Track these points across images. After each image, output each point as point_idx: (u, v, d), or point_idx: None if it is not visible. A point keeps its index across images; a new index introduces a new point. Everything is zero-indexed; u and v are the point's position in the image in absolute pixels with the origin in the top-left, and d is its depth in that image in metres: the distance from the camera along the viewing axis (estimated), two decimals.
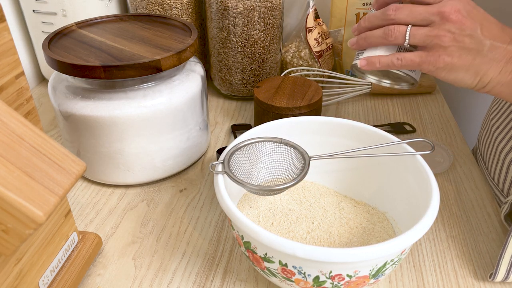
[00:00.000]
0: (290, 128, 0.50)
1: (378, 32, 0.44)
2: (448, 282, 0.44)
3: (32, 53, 0.83)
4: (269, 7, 0.68)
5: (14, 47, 0.34)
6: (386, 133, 0.47)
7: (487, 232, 0.50)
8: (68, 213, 0.42)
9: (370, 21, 0.45)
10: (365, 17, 0.46)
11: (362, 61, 0.45)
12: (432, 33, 0.41)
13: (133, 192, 0.57)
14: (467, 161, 0.62)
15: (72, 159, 0.30)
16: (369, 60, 0.45)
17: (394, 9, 0.43)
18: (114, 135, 0.52)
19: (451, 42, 0.41)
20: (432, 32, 0.41)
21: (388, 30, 0.43)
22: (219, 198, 0.39)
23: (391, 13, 0.43)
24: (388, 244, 0.34)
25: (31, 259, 0.37)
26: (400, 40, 0.43)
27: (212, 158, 0.63)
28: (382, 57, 0.44)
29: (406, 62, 0.43)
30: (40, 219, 0.26)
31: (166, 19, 0.62)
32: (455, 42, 0.40)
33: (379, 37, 0.44)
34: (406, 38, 0.42)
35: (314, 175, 0.52)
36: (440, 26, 0.41)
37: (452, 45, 0.41)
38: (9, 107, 0.29)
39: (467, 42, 0.40)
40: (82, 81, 0.52)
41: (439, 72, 0.42)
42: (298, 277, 0.36)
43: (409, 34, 0.42)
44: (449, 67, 0.41)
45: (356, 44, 0.47)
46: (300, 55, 0.77)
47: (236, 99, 0.78)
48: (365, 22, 0.46)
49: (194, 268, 0.46)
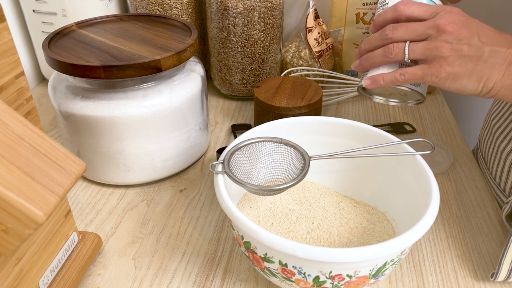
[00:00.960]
0: (290, 128, 0.50)
1: (379, 52, 0.45)
2: (448, 282, 0.45)
3: (32, 53, 0.83)
4: (269, 7, 0.68)
5: (14, 47, 0.34)
6: (386, 133, 0.47)
7: (487, 232, 0.50)
8: (68, 213, 0.42)
9: (370, 43, 0.46)
10: (365, 40, 0.47)
11: (367, 80, 0.46)
12: (430, 45, 0.42)
13: (133, 192, 0.57)
14: (467, 161, 0.62)
15: (72, 159, 0.30)
16: (373, 79, 0.46)
17: (391, 28, 0.44)
18: (114, 135, 0.52)
19: (450, 52, 0.41)
20: (430, 45, 0.42)
21: (387, 49, 0.44)
22: (219, 198, 0.39)
23: (388, 33, 0.44)
24: (388, 244, 0.34)
25: (31, 259, 0.37)
26: (401, 57, 0.44)
27: (212, 158, 0.63)
28: (386, 74, 0.45)
29: (409, 76, 0.44)
30: (40, 219, 0.26)
31: (166, 19, 0.62)
32: (454, 51, 0.41)
33: (380, 56, 0.45)
34: (406, 53, 0.43)
35: (314, 175, 0.52)
36: (437, 38, 0.42)
37: (451, 55, 0.41)
38: (9, 107, 0.29)
39: (465, 50, 0.41)
40: (82, 81, 0.52)
41: (443, 82, 0.43)
42: (298, 277, 0.36)
43: (408, 50, 0.43)
44: (451, 76, 0.42)
45: (359, 66, 0.48)
46: (300, 55, 0.77)
47: (236, 99, 0.78)
48: (365, 45, 0.47)
49: (194, 268, 0.46)
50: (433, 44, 0.42)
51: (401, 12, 0.44)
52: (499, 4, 0.92)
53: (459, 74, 0.42)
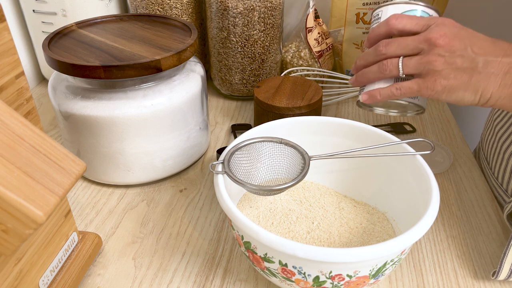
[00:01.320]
0: (290, 128, 0.50)
1: (374, 68, 0.45)
2: (448, 282, 0.45)
3: (32, 53, 0.83)
4: (269, 7, 0.68)
5: (14, 47, 0.34)
6: (386, 133, 0.47)
7: (487, 232, 0.50)
8: (68, 213, 0.42)
9: (365, 59, 0.47)
10: (360, 56, 0.48)
11: (364, 95, 0.47)
12: (423, 60, 0.42)
13: (133, 192, 0.57)
14: (467, 161, 0.62)
15: (72, 159, 0.30)
16: (370, 94, 0.46)
17: (384, 44, 0.44)
18: (114, 135, 0.52)
19: (444, 65, 0.41)
20: (423, 59, 0.42)
21: (382, 65, 0.45)
22: (219, 198, 0.39)
23: (382, 49, 0.45)
24: (388, 244, 0.34)
25: (31, 259, 0.37)
26: (395, 72, 0.44)
27: (212, 158, 0.63)
28: (382, 89, 0.45)
29: (405, 90, 0.44)
30: (40, 219, 0.26)
31: (166, 19, 0.62)
32: (448, 64, 0.41)
33: (375, 72, 0.45)
34: (400, 69, 0.44)
35: (314, 175, 0.52)
36: (430, 52, 0.42)
37: (445, 68, 0.41)
38: (9, 107, 0.29)
39: (459, 62, 0.41)
40: (82, 81, 0.52)
41: (439, 95, 0.43)
42: (298, 277, 0.36)
43: (402, 65, 0.44)
44: (447, 89, 0.42)
45: (356, 81, 0.48)
46: (300, 55, 0.77)
47: (236, 99, 0.78)
48: (360, 61, 0.48)
49: (194, 268, 0.46)
50: (426, 58, 0.42)
51: (393, 26, 0.45)
52: (499, 4, 0.92)
53: (455, 87, 0.42)
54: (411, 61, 0.43)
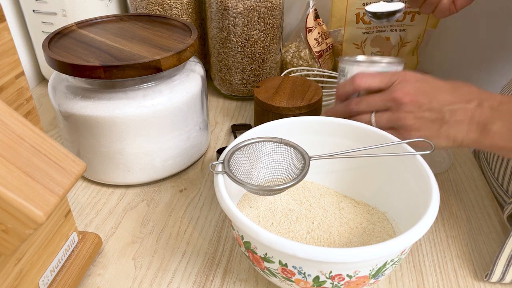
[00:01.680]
0: (290, 128, 0.50)
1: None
2: (448, 282, 0.45)
3: (32, 53, 0.83)
4: (269, 7, 0.68)
5: (14, 47, 0.34)
6: (386, 133, 0.47)
7: (487, 232, 0.50)
8: (68, 213, 0.42)
9: (338, 115, 0.50)
10: (332, 111, 0.51)
11: None
12: (394, 117, 0.46)
13: (133, 192, 0.57)
14: (467, 161, 0.62)
15: (72, 159, 0.30)
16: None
17: (355, 103, 0.48)
18: (114, 135, 0.52)
19: (414, 120, 0.45)
20: (394, 116, 0.46)
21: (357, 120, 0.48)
22: (219, 198, 0.39)
23: (353, 107, 0.48)
24: (388, 244, 0.34)
25: (31, 259, 0.37)
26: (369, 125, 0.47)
27: (212, 158, 0.63)
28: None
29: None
30: (40, 219, 0.26)
31: (166, 19, 0.62)
32: (417, 119, 0.44)
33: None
34: (373, 123, 0.47)
35: (314, 175, 0.52)
36: (398, 109, 0.45)
37: (415, 122, 0.45)
38: (9, 107, 0.29)
39: (427, 115, 0.44)
40: (82, 81, 0.52)
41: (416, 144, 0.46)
42: (298, 277, 0.36)
43: (374, 121, 0.47)
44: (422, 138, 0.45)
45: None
46: (300, 55, 0.77)
47: (236, 99, 0.78)
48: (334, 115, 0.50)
49: (194, 268, 0.46)
50: (396, 115, 0.45)
51: (359, 86, 0.48)
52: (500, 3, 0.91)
53: (428, 137, 0.44)
54: (382, 117, 0.47)
